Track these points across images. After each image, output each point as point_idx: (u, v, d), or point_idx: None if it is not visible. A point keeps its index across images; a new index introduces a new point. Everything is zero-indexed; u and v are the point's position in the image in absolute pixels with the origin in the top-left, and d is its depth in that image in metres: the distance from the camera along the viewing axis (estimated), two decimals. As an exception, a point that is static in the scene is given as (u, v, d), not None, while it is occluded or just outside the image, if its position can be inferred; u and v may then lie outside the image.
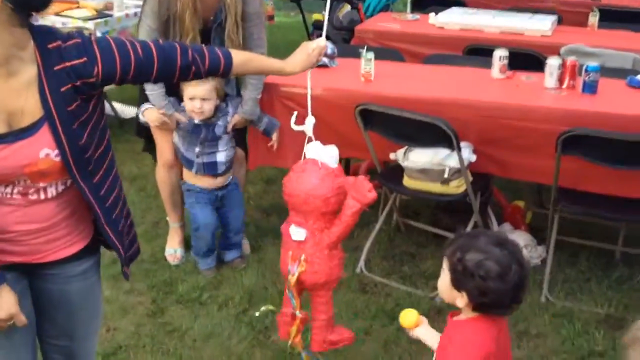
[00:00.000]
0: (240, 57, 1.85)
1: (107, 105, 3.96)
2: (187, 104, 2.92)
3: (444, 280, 1.58)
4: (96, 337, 1.95)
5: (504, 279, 1.48)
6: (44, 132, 1.53)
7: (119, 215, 1.75)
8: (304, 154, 1.86)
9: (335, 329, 2.03)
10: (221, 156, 3.03)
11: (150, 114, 2.97)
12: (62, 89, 1.53)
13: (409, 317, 1.77)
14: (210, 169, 3.04)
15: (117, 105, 5.00)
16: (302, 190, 1.79)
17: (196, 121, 2.94)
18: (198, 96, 2.87)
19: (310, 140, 1.87)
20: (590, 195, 2.90)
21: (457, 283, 1.54)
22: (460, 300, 1.55)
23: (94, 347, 1.96)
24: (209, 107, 2.91)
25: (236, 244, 3.24)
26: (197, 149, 2.99)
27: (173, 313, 2.86)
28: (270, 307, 2.12)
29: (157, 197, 3.83)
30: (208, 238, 3.12)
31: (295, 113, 1.93)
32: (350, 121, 3.03)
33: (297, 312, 1.91)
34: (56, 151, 1.54)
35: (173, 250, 3.29)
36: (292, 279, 1.86)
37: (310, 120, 1.88)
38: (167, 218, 3.40)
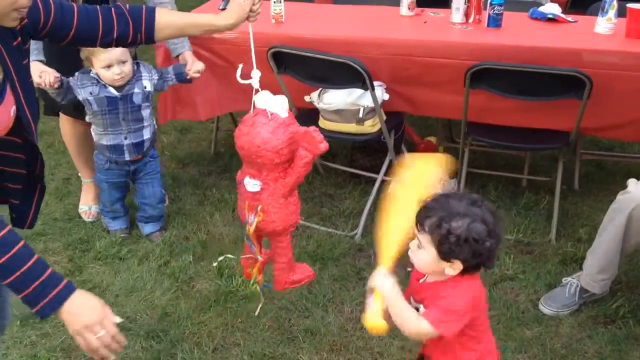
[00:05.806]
0: (163, 17, 1.77)
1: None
2: (103, 75, 2.70)
3: (428, 255, 1.51)
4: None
5: (492, 235, 1.47)
6: (8, 91, 1.51)
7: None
8: (253, 104, 1.81)
9: (298, 268, 2.04)
10: (147, 132, 2.86)
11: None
12: (14, 43, 1.51)
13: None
14: (138, 149, 2.86)
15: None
16: (253, 143, 1.74)
17: (113, 92, 2.73)
18: (114, 60, 2.66)
19: (257, 92, 1.83)
20: (497, 128, 3.02)
21: (449, 254, 1.48)
22: (450, 268, 1.50)
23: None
24: (128, 68, 2.72)
25: (155, 218, 3.03)
26: (123, 128, 2.79)
27: (92, 270, 2.79)
28: (229, 256, 2.17)
29: (66, 153, 3.69)
30: (118, 210, 3.02)
31: (241, 66, 1.87)
32: (262, 66, 2.97)
33: (259, 257, 1.94)
34: (14, 107, 1.54)
35: (87, 207, 3.19)
36: (251, 229, 1.87)
37: (256, 74, 1.85)
38: (79, 174, 3.29)
